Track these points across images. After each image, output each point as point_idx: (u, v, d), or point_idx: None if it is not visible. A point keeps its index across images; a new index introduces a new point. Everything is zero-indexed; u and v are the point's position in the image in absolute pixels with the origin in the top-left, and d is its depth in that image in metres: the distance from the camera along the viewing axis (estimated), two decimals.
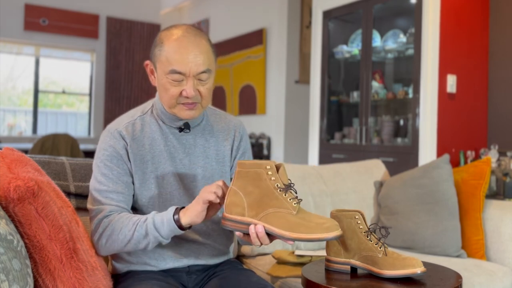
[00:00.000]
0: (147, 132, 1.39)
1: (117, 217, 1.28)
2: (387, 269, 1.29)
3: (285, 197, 1.13)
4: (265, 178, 1.14)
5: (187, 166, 1.39)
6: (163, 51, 1.30)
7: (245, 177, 1.16)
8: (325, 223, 1.09)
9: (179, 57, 1.27)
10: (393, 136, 3.58)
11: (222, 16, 6.59)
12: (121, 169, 1.34)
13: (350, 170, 2.41)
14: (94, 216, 1.32)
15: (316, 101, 4.01)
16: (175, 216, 1.21)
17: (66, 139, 5.00)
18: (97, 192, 1.32)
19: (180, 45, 1.28)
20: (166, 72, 1.29)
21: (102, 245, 1.28)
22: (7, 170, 1.12)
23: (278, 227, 1.10)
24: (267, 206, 1.13)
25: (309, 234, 1.08)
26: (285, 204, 1.12)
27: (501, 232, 2.06)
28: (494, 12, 3.49)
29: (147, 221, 1.24)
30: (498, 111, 3.45)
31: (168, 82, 1.30)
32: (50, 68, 7.15)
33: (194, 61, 1.28)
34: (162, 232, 1.22)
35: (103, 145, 1.37)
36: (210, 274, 1.42)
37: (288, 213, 1.11)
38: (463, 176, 2.15)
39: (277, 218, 1.11)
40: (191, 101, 1.31)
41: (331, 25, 3.99)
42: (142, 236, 1.24)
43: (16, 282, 0.95)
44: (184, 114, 1.34)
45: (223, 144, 1.46)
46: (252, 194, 1.14)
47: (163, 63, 1.30)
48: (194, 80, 1.30)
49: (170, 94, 1.31)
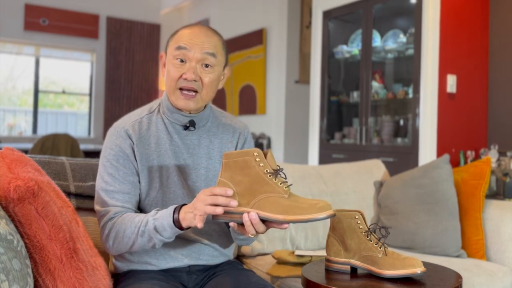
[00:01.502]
0: (153, 131, 1.39)
1: (120, 220, 1.29)
2: (387, 269, 1.29)
3: (275, 182, 1.13)
4: (254, 165, 1.14)
5: (191, 166, 1.40)
6: (176, 36, 1.36)
7: (233, 167, 1.15)
8: (317, 203, 1.09)
9: (188, 37, 1.33)
10: (393, 136, 3.58)
11: (222, 16, 6.59)
12: (127, 168, 1.35)
13: (350, 170, 2.41)
14: (100, 218, 1.34)
15: (316, 101, 4.01)
16: (175, 222, 1.21)
17: (66, 139, 5.00)
18: (104, 192, 1.33)
19: (193, 31, 1.35)
20: (173, 51, 1.33)
21: (110, 246, 1.31)
22: (7, 170, 1.12)
23: (272, 211, 1.10)
24: (258, 192, 1.13)
25: (302, 215, 1.07)
26: (276, 189, 1.12)
27: (501, 232, 2.06)
28: (494, 12, 3.49)
29: (148, 225, 1.24)
30: (498, 111, 3.45)
31: (172, 63, 1.33)
32: (50, 68, 7.15)
33: (201, 44, 1.32)
34: (165, 235, 1.24)
35: (109, 144, 1.37)
36: (210, 274, 1.42)
37: (280, 196, 1.12)
38: (463, 176, 2.15)
39: (270, 203, 1.11)
40: (190, 85, 1.32)
41: (331, 25, 3.99)
42: (146, 240, 1.25)
43: (16, 282, 0.95)
44: (180, 103, 1.34)
45: (227, 146, 1.46)
46: (241, 183, 1.14)
47: (172, 45, 1.34)
48: (197, 65, 1.32)
49: (171, 75, 1.33)
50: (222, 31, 6.42)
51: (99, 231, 1.39)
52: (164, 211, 1.25)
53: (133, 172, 1.36)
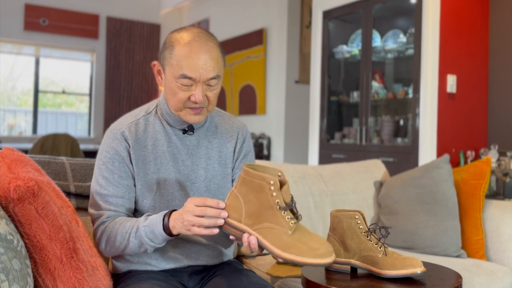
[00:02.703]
0: (150, 133, 1.39)
1: (111, 224, 1.30)
2: (387, 269, 1.29)
3: (283, 215, 1.12)
4: (267, 192, 1.12)
5: (189, 167, 1.39)
6: (174, 55, 1.28)
7: (249, 185, 1.15)
8: (319, 248, 1.07)
9: (190, 63, 1.27)
10: (393, 136, 3.58)
11: (222, 16, 6.59)
12: (122, 171, 1.35)
13: (350, 170, 2.41)
14: (94, 221, 1.36)
15: (316, 101, 4.01)
16: (165, 229, 1.22)
17: (66, 139, 5.00)
18: (98, 196, 1.34)
19: (191, 50, 1.27)
20: (175, 76, 1.29)
21: (103, 249, 1.33)
22: (7, 170, 1.12)
23: (271, 243, 1.10)
24: (264, 219, 1.12)
25: (299, 257, 1.06)
26: (282, 222, 1.11)
27: (501, 232, 2.06)
28: (494, 12, 3.49)
29: (138, 232, 1.25)
30: (498, 111, 3.45)
31: (177, 86, 1.30)
32: (50, 68, 7.15)
33: (204, 67, 1.27)
34: (156, 241, 1.25)
35: (105, 146, 1.37)
36: (210, 274, 1.42)
37: (283, 232, 1.10)
38: (463, 176, 2.15)
39: (272, 234, 1.10)
40: (199, 105, 1.32)
41: (331, 25, 3.99)
42: (137, 246, 1.27)
43: (16, 282, 0.95)
44: (190, 119, 1.34)
45: (226, 146, 1.46)
46: (251, 204, 1.14)
47: (173, 67, 1.29)
48: (203, 86, 1.30)
49: (178, 98, 1.30)
50: (222, 31, 6.43)
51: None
52: (154, 217, 1.25)
53: (128, 175, 1.36)
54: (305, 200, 2.12)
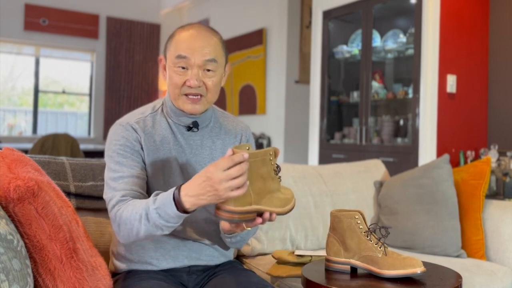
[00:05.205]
0: (158, 130, 1.39)
1: (123, 207, 1.22)
2: (387, 269, 1.29)
3: (278, 177, 1.22)
4: (268, 163, 1.20)
5: (193, 166, 1.40)
6: (174, 40, 1.34)
7: (252, 165, 1.12)
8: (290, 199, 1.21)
9: (187, 44, 1.31)
10: (393, 136, 3.58)
11: (222, 16, 6.59)
12: (135, 156, 1.32)
13: (350, 170, 2.41)
14: (108, 204, 1.27)
15: (316, 101, 4.01)
16: (179, 209, 1.12)
17: (66, 139, 5.00)
18: (111, 180, 1.28)
19: (191, 35, 1.33)
20: (173, 60, 1.31)
21: (117, 233, 1.25)
22: (7, 170, 1.12)
23: (276, 206, 1.17)
24: (267, 191, 1.18)
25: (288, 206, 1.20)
26: (277, 184, 1.21)
27: (501, 232, 2.06)
28: (494, 12, 3.49)
29: (151, 216, 1.15)
30: (498, 111, 3.45)
31: (173, 71, 1.32)
32: (50, 68, 7.15)
33: (200, 50, 1.31)
34: (173, 222, 1.15)
35: (114, 137, 1.34)
36: (210, 274, 1.42)
37: (279, 191, 1.21)
38: (463, 176, 2.15)
39: (275, 199, 1.18)
40: (195, 91, 1.32)
41: (331, 25, 3.99)
42: (154, 229, 1.17)
43: (16, 282, 0.95)
44: (187, 108, 1.34)
45: (229, 147, 1.46)
46: (255, 182, 1.14)
47: (172, 51, 1.33)
48: (199, 71, 1.31)
49: (174, 82, 1.32)
50: (222, 31, 6.42)
51: (100, 230, 1.38)
52: (163, 199, 1.14)
53: (140, 160, 1.33)
54: (305, 200, 2.12)
